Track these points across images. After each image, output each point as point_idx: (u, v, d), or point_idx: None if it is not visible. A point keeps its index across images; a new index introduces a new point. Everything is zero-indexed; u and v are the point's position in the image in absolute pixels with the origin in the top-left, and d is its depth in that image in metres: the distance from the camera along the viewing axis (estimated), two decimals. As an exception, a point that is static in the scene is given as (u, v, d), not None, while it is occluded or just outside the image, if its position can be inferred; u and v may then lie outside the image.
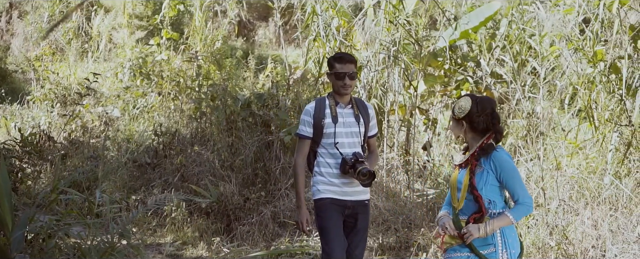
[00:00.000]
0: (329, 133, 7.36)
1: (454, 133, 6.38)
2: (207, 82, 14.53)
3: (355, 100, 7.59)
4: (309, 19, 13.05)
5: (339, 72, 7.30)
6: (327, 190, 7.45)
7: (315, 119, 7.40)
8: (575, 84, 11.25)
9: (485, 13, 12.60)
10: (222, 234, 11.45)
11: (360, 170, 7.12)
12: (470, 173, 6.10)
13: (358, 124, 7.43)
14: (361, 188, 7.42)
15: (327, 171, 7.44)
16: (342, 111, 7.41)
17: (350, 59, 7.40)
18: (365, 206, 7.60)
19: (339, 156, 7.31)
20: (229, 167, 12.75)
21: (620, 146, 10.46)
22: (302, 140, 7.52)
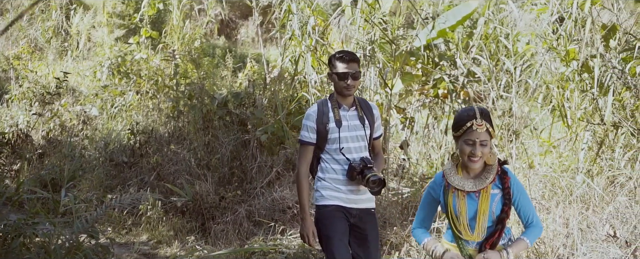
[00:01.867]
0: (333, 138, 7.07)
1: (486, 153, 5.65)
2: (184, 80, 14.50)
3: (358, 100, 7.30)
4: (285, 17, 13.03)
5: (341, 72, 7.00)
6: (333, 196, 7.14)
7: (319, 124, 7.09)
8: (548, 83, 11.27)
9: (462, 12, 12.56)
10: (197, 233, 11.46)
11: (370, 177, 6.83)
12: (505, 196, 5.68)
13: (363, 127, 7.16)
14: (367, 195, 7.14)
15: (332, 177, 7.13)
16: (346, 114, 7.14)
17: (354, 58, 7.10)
18: (372, 214, 7.34)
19: (345, 162, 7.05)
20: (205, 166, 12.75)
21: (593, 145, 10.48)
22: (305, 147, 7.19)
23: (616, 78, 10.30)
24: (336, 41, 13.41)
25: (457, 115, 5.75)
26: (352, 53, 7.16)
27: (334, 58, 7.10)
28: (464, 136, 5.58)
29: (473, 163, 5.62)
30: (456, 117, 5.73)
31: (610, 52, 10.53)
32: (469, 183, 5.73)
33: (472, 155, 5.58)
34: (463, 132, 5.58)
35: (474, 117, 5.56)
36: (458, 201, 5.73)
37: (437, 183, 5.91)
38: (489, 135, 5.60)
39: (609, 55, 10.45)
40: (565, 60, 10.79)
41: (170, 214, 11.90)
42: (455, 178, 5.75)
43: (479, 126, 5.53)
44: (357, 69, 7.04)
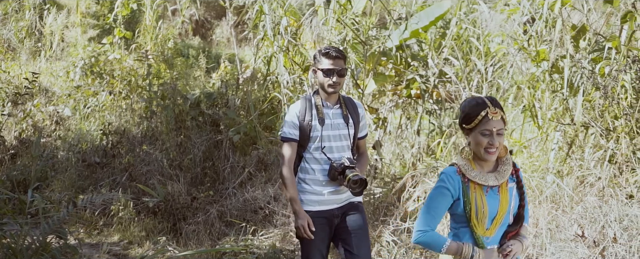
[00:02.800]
0: (315, 136, 6.87)
1: (503, 143, 5.40)
2: (157, 81, 14.48)
3: (343, 98, 7.10)
4: (257, 18, 13.02)
5: (326, 68, 6.82)
6: (313, 201, 6.93)
7: (301, 121, 6.88)
8: (519, 83, 11.30)
9: (435, 12, 12.57)
10: (169, 234, 11.44)
11: (351, 177, 6.65)
12: (519, 190, 5.48)
13: (347, 125, 6.98)
14: (347, 192, 6.95)
15: (312, 178, 6.93)
16: (330, 111, 6.94)
17: (339, 54, 6.89)
18: (356, 206, 7.10)
19: (326, 162, 6.87)
20: (177, 166, 12.74)
21: (563, 145, 10.51)
22: (288, 144, 6.93)
23: (586, 78, 10.34)
24: (308, 41, 13.40)
25: (466, 107, 5.38)
26: (338, 50, 6.96)
27: (320, 54, 6.93)
28: (479, 128, 5.26)
29: (491, 155, 5.32)
30: (466, 109, 5.37)
31: (580, 53, 10.57)
32: (490, 178, 5.40)
33: (490, 146, 5.28)
34: (478, 123, 5.25)
35: (487, 105, 5.28)
36: (479, 198, 5.37)
37: (454, 179, 5.39)
38: (504, 122, 5.33)
39: (578, 56, 10.49)
40: (535, 61, 10.81)
41: (142, 214, 11.88)
42: (475, 173, 5.37)
43: (493, 114, 5.26)
44: (343, 66, 6.86)
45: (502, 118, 5.32)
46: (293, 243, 10.68)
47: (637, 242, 8.38)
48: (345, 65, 6.90)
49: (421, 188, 10.72)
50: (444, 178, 5.43)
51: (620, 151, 9.86)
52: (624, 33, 10.12)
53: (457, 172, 5.41)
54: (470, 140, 5.37)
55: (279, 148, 11.77)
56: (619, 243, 8.48)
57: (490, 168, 5.45)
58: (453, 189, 5.38)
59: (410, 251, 9.91)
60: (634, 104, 10.01)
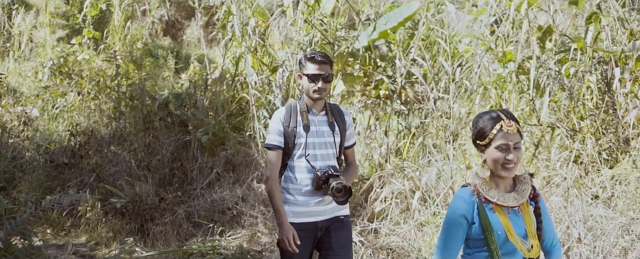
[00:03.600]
0: (299, 143, 6.56)
1: (520, 158, 4.97)
2: (126, 81, 14.44)
3: (329, 105, 6.80)
4: (225, 18, 13.01)
5: (312, 74, 6.52)
6: (295, 212, 6.59)
7: (286, 127, 6.57)
8: (486, 84, 11.34)
9: (404, 13, 12.57)
10: (136, 235, 11.40)
11: (334, 185, 6.33)
12: (537, 217, 5.06)
13: (333, 133, 6.68)
14: (333, 205, 6.61)
15: (295, 188, 6.60)
16: (315, 118, 6.64)
17: (325, 59, 6.59)
18: (341, 221, 6.75)
19: (310, 171, 6.54)
20: (145, 167, 12.71)
21: (530, 146, 10.56)
22: (272, 151, 6.61)
23: (552, 79, 10.39)
24: (277, 42, 13.41)
25: (479, 122, 5.00)
26: (324, 54, 6.65)
27: (305, 59, 6.63)
28: (494, 143, 4.86)
29: (508, 171, 4.91)
30: (479, 124, 4.98)
31: (546, 54, 10.62)
32: (509, 198, 5.00)
33: (508, 162, 4.88)
34: (493, 137, 4.86)
35: (501, 118, 4.90)
36: (501, 219, 4.95)
37: (467, 202, 4.98)
38: (520, 135, 4.95)
39: (544, 57, 10.54)
40: (502, 62, 10.86)
41: (109, 215, 11.84)
42: (493, 192, 4.96)
43: (509, 127, 4.87)
44: (329, 71, 6.57)
45: (518, 130, 4.95)
46: (260, 244, 10.68)
47: (601, 242, 8.41)
48: (331, 70, 6.64)
49: (388, 189, 10.74)
50: (456, 204, 5.03)
51: (586, 152, 9.91)
52: (589, 34, 10.17)
53: (472, 193, 5.01)
54: (485, 157, 4.99)
55: (262, 155, 11.82)
56: (584, 243, 8.52)
57: (508, 187, 5.07)
58: (468, 213, 4.98)
59: (377, 252, 9.92)
60: (599, 105, 10.06)
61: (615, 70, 9.64)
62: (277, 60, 12.79)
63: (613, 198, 9.20)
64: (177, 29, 23.40)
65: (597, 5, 10.16)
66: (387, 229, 10.38)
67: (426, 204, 10.33)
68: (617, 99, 9.76)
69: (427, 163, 11.05)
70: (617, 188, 9.23)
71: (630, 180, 9.18)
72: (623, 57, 9.36)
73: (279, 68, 12.54)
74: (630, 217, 8.65)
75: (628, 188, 9.14)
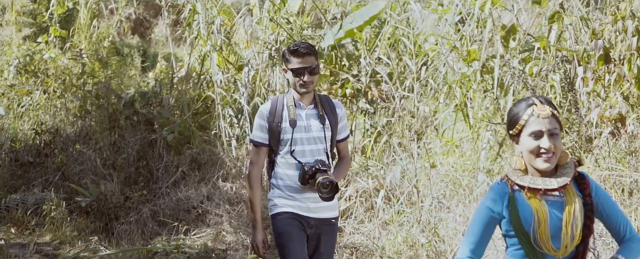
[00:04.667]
0: (286, 139, 6.32)
1: (560, 147, 4.39)
2: (92, 80, 14.38)
3: (319, 98, 6.53)
4: (191, 17, 13.01)
5: (296, 68, 6.22)
6: (287, 205, 6.37)
7: (270, 123, 6.35)
8: (450, 83, 11.38)
9: (370, 12, 12.60)
10: (101, 233, 11.36)
11: (320, 180, 6.12)
12: (588, 210, 4.46)
13: (323, 127, 6.37)
14: (327, 203, 6.38)
15: (285, 184, 6.37)
16: (303, 112, 6.36)
17: (309, 51, 6.28)
18: (332, 225, 6.57)
19: (297, 166, 6.29)
20: (110, 166, 12.67)
21: (494, 145, 10.60)
22: (257, 148, 6.44)
23: (517, 78, 10.44)
24: (242, 41, 13.41)
25: (511, 110, 4.54)
26: (308, 46, 6.36)
27: (288, 52, 6.33)
28: (527, 129, 4.36)
29: (546, 163, 4.35)
30: (510, 112, 4.52)
31: (509, 53, 10.67)
32: (546, 181, 4.42)
33: (545, 151, 4.32)
34: (524, 124, 4.36)
35: (533, 102, 4.40)
36: (535, 206, 4.39)
37: (498, 193, 4.51)
38: (557, 122, 4.38)
39: (508, 56, 10.59)
40: (466, 61, 10.90)
41: (74, 214, 11.79)
42: (526, 178, 4.43)
43: (542, 111, 4.35)
44: (314, 63, 6.28)
45: (555, 116, 4.40)
46: (225, 243, 10.67)
47: (563, 240, 8.45)
48: (316, 61, 6.35)
49: (353, 187, 10.74)
50: (488, 194, 4.59)
51: (549, 151, 9.95)
52: (552, 33, 10.23)
53: (505, 183, 4.52)
54: (520, 148, 4.50)
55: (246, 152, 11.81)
56: (545, 240, 8.55)
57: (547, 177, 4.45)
58: (497, 206, 4.49)
59: (342, 250, 9.93)
60: (562, 104, 10.12)
61: (578, 69, 9.69)
62: (242, 58, 12.79)
63: (576, 197, 9.24)
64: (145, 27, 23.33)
65: (560, 4, 10.22)
66: (351, 227, 10.38)
67: (390, 203, 10.34)
68: (579, 98, 9.82)
69: (391, 161, 11.06)
70: (580, 187, 9.26)
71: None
72: (585, 56, 9.41)
73: (245, 67, 12.54)
74: (591, 215, 8.69)
75: (591, 186, 9.17)
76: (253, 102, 12.59)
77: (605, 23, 9.42)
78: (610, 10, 9.37)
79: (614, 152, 9.41)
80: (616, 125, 9.26)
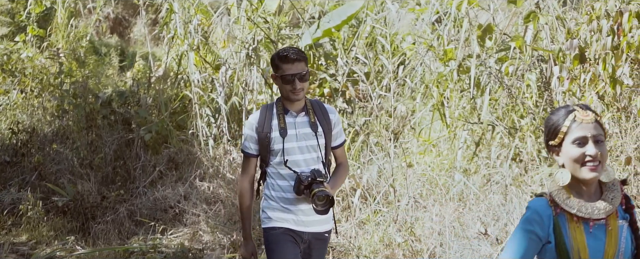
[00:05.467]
0: (277, 149, 6.02)
1: (605, 155, 4.04)
2: (69, 79, 14.35)
3: (311, 103, 6.21)
4: (168, 16, 13.00)
5: (285, 74, 5.89)
6: (281, 219, 6.07)
7: (260, 133, 6.04)
8: (427, 83, 11.40)
9: (348, 11, 12.60)
10: (78, 233, 11.32)
11: (316, 192, 5.76)
12: (635, 232, 4.11)
13: (315, 135, 6.08)
14: (321, 216, 6.02)
15: (279, 195, 6.08)
16: (294, 120, 6.06)
17: (299, 57, 5.96)
18: (324, 240, 6.34)
19: (292, 177, 5.98)
20: (88, 165, 12.63)
21: (471, 144, 10.63)
22: (247, 159, 6.20)
23: (494, 78, 10.48)
24: (220, 40, 13.40)
25: (549, 119, 4.14)
26: (298, 51, 6.04)
27: (277, 59, 6.00)
28: (569, 137, 3.98)
29: (592, 172, 3.97)
30: (549, 121, 4.13)
31: (486, 52, 10.70)
32: (594, 209, 4.01)
33: (591, 159, 3.94)
34: (567, 131, 3.99)
35: (574, 108, 4.03)
36: (574, 237, 4.04)
37: (542, 214, 4.04)
38: (602, 128, 4.04)
39: (485, 55, 10.62)
40: (443, 60, 10.92)
41: (51, 214, 11.74)
42: (573, 202, 4.00)
43: (585, 116, 4.00)
44: (304, 69, 5.97)
45: (598, 122, 4.06)
46: (202, 242, 10.66)
47: (538, 239, 8.47)
48: (307, 67, 6.04)
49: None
50: (528, 216, 4.09)
51: (525, 150, 9.99)
52: (529, 33, 10.26)
53: (548, 204, 4.07)
54: (562, 160, 4.07)
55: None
56: (521, 240, 8.57)
57: (591, 196, 4.08)
58: (541, 230, 4.05)
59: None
60: (539, 103, 10.15)
61: (554, 68, 9.72)
62: (220, 58, 12.79)
63: (552, 196, 9.27)
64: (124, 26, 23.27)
65: (536, 4, 10.26)
66: (327, 227, 10.39)
67: (367, 202, 10.36)
68: (555, 98, 9.85)
69: (368, 161, 11.07)
70: (555, 186, 9.30)
71: (568, 178, 9.25)
72: (561, 55, 9.44)
73: (222, 67, 12.55)
74: (567, 215, 8.72)
75: (566, 185, 9.21)
76: (230, 102, 12.61)
77: (581, 23, 9.45)
78: (585, 10, 9.40)
79: (590, 151, 9.43)
80: (591, 125, 9.28)
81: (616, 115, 9.09)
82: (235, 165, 12.11)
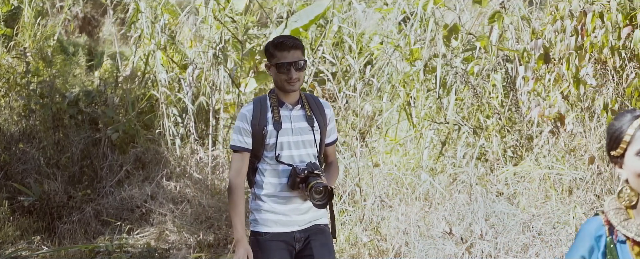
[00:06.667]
0: (270, 144, 5.64)
1: None
2: (36, 79, 14.28)
3: (306, 97, 5.87)
4: (134, 16, 12.98)
5: (280, 63, 5.54)
6: (270, 221, 5.68)
7: (254, 126, 5.63)
8: (394, 82, 11.43)
9: (315, 11, 12.60)
10: (44, 233, 11.28)
11: (314, 185, 5.44)
12: None
13: (312, 129, 5.73)
14: (314, 212, 5.74)
15: (268, 193, 5.70)
16: (289, 113, 5.69)
17: (295, 44, 5.62)
18: (322, 231, 5.88)
19: (285, 174, 5.65)
20: (54, 165, 12.59)
21: (437, 144, 10.67)
22: (238, 154, 5.71)
23: (460, 77, 10.52)
24: (186, 39, 13.39)
25: (612, 125, 3.55)
26: (294, 39, 5.72)
27: (272, 46, 5.66)
28: (633, 148, 3.40)
29: None
30: (611, 129, 3.55)
31: (452, 52, 10.74)
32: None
33: None
34: (630, 141, 3.41)
35: (638, 114, 3.44)
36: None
37: (593, 237, 3.55)
38: None
39: (450, 55, 10.66)
40: (409, 60, 10.95)
41: (17, 214, 11.69)
42: (631, 224, 3.44)
43: None
44: (301, 57, 5.60)
45: None
46: (168, 242, 10.66)
47: (503, 238, 8.52)
48: (303, 56, 5.68)
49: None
50: (577, 240, 3.61)
51: (491, 150, 10.04)
52: (494, 32, 10.30)
53: (602, 224, 3.57)
54: (626, 173, 3.51)
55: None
56: (485, 239, 8.62)
57: None
58: (591, 254, 3.55)
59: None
60: (505, 103, 10.20)
61: (519, 68, 9.78)
62: (187, 57, 12.79)
63: (516, 195, 9.33)
64: (93, 26, 23.19)
65: (501, 4, 10.30)
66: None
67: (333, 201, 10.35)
68: (520, 97, 9.90)
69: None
70: (520, 185, 9.36)
71: (533, 177, 9.32)
72: (526, 55, 9.49)
73: (189, 66, 12.54)
74: (531, 214, 8.78)
75: (531, 185, 9.27)
76: (198, 101, 12.61)
77: (545, 23, 9.50)
78: (550, 10, 9.46)
79: (554, 151, 9.50)
80: (556, 124, 9.35)
81: (580, 115, 9.14)
82: (202, 165, 12.12)
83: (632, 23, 8.36)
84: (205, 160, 12.15)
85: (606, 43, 8.35)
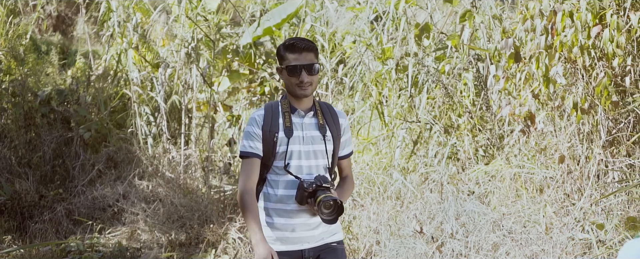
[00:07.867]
0: (281, 152, 5.28)
1: None
2: (8, 77, 14.22)
3: (320, 104, 5.50)
4: (106, 15, 12.94)
5: (292, 66, 5.22)
6: (275, 239, 5.32)
7: (265, 132, 5.28)
8: (366, 81, 11.44)
9: (288, 10, 12.59)
10: (15, 232, 11.23)
11: (322, 199, 5.05)
12: None
13: (324, 139, 5.36)
14: (325, 227, 5.38)
15: (276, 208, 5.33)
16: (301, 121, 5.35)
17: (308, 46, 5.29)
18: (334, 249, 5.48)
19: (293, 185, 5.27)
20: (26, 164, 12.54)
21: (409, 143, 10.68)
22: (248, 160, 5.29)
23: (431, 76, 10.53)
24: (159, 38, 13.37)
25: None
26: (306, 40, 5.35)
27: (283, 48, 5.34)
28: None
29: None
30: None
31: (424, 51, 10.76)
32: None
33: None
34: None
35: None
36: None
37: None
38: None
39: (422, 54, 10.68)
40: (381, 59, 10.96)
41: (-12, 213, 11.68)
42: None
43: None
44: (313, 60, 5.27)
45: None
46: (140, 241, 10.65)
47: (473, 237, 8.53)
48: (316, 59, 5.34)
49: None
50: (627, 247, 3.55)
51: (462, 149, 10.06)
52: (465, 32, 10.32)
53: None
54: None
55: None
56: (456, 238, 8.64)
57: None
58: None
59: (257, 248, 9.93)
60: (476, 102, 10.22)
61: (490, 67, 9.80)
62: (159, 56, 12.77)
63: (487, 194, 9.36)
64: (67, 24, 23.11)
65: (472, 3, 10.33)
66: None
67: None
68: (491, 96, 9.93)
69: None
70: (490, 184, 9.39)
71: (504, 176, 9.35)
72: (496, 54, 9.51)
73: (162, 65, 12.52)
74: (501, 213, 8.80)
75: (502, 184, 9.30)
76: (170, 101, 12.60)
77: (516, 22, 9.52)
78: (520, 9, 9.48)
79: (525, 150, 9.53)
80: (526, 123, 9.37)
81: (550, 114, 9.16)
82: (175, 164, 12.12)
83: (602, 22, 8.38)
84: (178, 159, 12.15)
85: (576, 43, 8.36)
